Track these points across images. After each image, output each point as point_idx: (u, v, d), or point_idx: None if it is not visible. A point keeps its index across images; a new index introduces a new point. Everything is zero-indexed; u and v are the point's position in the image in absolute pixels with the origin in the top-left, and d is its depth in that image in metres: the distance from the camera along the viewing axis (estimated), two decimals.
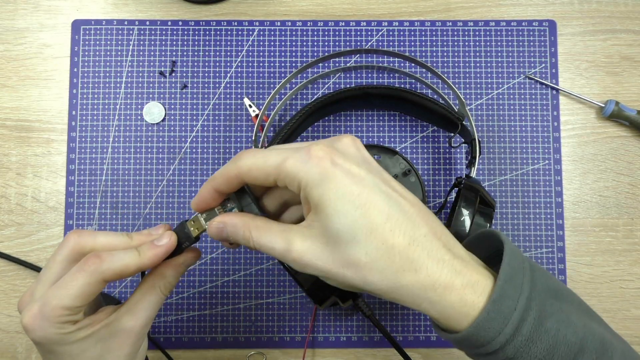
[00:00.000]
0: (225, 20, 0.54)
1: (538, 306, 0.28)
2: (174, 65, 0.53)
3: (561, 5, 0.54)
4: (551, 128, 0.53)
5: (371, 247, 0.28)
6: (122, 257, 0.31)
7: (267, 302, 0.51)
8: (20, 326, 0.50)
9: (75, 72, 0.53)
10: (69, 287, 0.30)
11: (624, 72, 0.54)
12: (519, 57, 0.54)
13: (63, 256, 0.32)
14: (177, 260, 0.34)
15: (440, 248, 0.29)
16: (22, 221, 0.52)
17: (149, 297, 0.33)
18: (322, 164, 0.28)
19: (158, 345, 0.49)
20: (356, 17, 0.54)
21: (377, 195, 0.28)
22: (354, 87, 0.49)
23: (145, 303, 0.33)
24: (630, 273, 0.52)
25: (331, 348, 0.51)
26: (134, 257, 0.31)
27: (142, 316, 0.33)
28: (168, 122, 0.53)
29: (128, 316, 0.33)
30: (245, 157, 0.30)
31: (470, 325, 0.28)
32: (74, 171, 0.52)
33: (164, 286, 0.33)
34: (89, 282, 0.30)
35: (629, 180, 0.53)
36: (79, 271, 0.30)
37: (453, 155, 0.53)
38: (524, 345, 0.28)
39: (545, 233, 0.52)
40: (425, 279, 0.28)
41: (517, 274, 0.29)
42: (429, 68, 0.49)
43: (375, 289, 0.28)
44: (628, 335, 0.51)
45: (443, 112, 0.48)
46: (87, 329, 0.32)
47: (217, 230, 0.31)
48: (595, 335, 0.29)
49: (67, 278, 0.30)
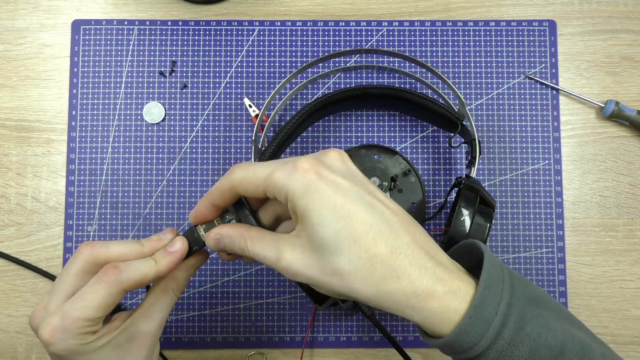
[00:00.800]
0: (225, 20, 0.54)
1: (518, 312, 0.29)
2: (174, 65, 0.53)
3: (561, 5, 0.54)
4: (551, 128, 0.53)
5: (354, 256, 0.28)
6: (140, 266, 0.32)
7: (267, 302, 0.51)
8: (20, 326, 0.50)
9: (75, 72, 0.53)
10: (89, 299, 0.30)
11: (624, 72, 0.54)
12: (519, 57, 0.54)
13: (77, 268, 0.32)
14: (188, 263, 0.35)
15: (422, 256, 0.29)
16: (22, 221, 0.52)
17: (162, 300, 0.34)
18: (308, 175, 0.29)
19: None
20: (356, 17, 0.54)
21: (361, 206, 0.29)
22: (354, 87, 0.49)
23: (159, 306, 0.34)
24: (630, 273, 0.52)
25: (331, 348, 0.51)
26: (152, 266, 0.32)
27: (157, 318, 0.34)
28: (168, 122, 0.53)
29: (143, 320, 0.33)
30: (237, 171, 0.31)
31: (453, 331, 0.29)
32: (74, 171, 0.52)
33: (176, 288, 0.34)
34: (109, 293, 0.31)
35: (629, 180, 0.53)
36: (98, 283, 0.31)
37: (453, 155, 0.53)
38: (506, 349, 0.29)
39: (546, 233, 0.52)
40: (407, 286, 0.29)
41: (497, 281, 0.30)
42: (428, 68, 0.49)
43: (360, 296, 0.29)
44: (628, 335, 0.51)
45: (443, 112, 0.48)
46: (105, 337, 0.32)
47: (215, 242, 0.33)
48: (576, 339, 0.30)
49: (86, 290, 0.31)
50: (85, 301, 0.30)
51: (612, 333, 0.51)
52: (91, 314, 0.30)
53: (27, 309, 0.51)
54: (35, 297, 0.51)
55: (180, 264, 0.34)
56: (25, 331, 0.51)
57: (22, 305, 0.51)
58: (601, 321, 0.51)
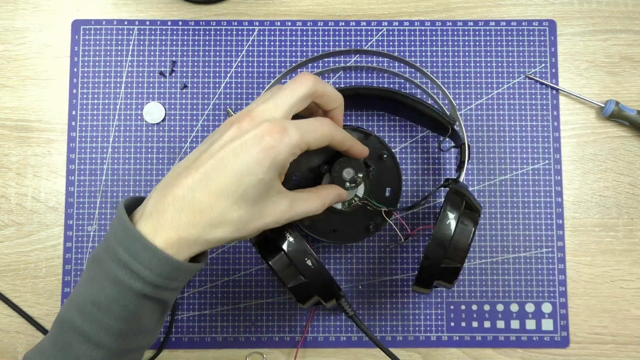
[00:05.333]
0: (225, 20, 0.54)
1: None
2: (174, 66, 0.53)
3: (561, 5, 0.55)
4: (551, 128, 0.53)
5: None
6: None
7: (267, 301, 0.51)
8: (20, 326, 0.50)
9: (75, 72, 0.53)
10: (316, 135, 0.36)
11: (623, 72, 0.54)
12: (519, 57, 0.54)
13: (301, 94, 0.36)
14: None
15: None
16: (22, 221, 0.52)
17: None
18: None
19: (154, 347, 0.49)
20: (356, 17, 0.54)
21: None
22: (344, 87, 0.48)
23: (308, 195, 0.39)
24: (630, 273, 0.52)
25: (331, 348, 0.51)
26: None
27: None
28: (168, 122, 0.53)
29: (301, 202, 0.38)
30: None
31: None
32: (74, 171, 0.52)
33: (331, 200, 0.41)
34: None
35: (629, 180, 0.53)
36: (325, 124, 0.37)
37: (446, 157, 0.53)
38: None
39: (546, 233, 0.52)
40: None
41: None
42: (418, 69, 0.48)
43: None
44: (628, 336, 0.51)
45: (433, 116, 0.47)
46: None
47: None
48: None
49: (316, 124, 0.36)
50: (317, 132, 0.36)
51: (612, 333, 0.51)
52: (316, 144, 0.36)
53: (27, 309, 0.51)
54: (35, 297, 0.51)
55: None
56: (25, 331, 0.51)
57: (22, 305, 0.51)
58: (601, 321, 0.51)
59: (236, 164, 0.33)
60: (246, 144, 0.33)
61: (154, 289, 0.33)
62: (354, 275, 0.52)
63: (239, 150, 0.33)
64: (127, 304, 0.33)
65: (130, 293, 0.33)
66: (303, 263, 0.39)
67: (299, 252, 0.39)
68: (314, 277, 0.39)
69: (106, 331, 0.33)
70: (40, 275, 0.51)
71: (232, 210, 0.34)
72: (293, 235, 0.39)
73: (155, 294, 0.33)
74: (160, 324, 0.37)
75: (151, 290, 0.33)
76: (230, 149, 0.33)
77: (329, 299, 0.41)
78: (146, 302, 0.34)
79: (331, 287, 0.40)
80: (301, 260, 0.39)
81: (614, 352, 0.51)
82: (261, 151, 0.33)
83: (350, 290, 0.51)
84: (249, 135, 0.33)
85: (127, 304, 0.33)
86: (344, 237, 0.46)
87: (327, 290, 0.40)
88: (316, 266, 0.39)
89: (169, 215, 0.33)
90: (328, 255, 0.52)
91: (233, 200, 0.33)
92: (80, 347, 0.33)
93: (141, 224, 0.34)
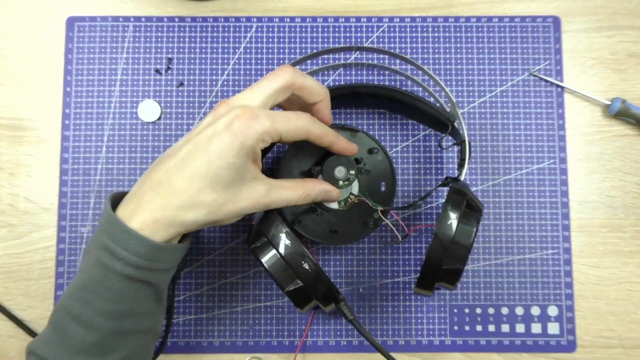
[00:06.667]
0: (222, 17, 0.53)
1: None
2: (170, 63, 0.52)
3: (565, 2, 0.53)
4: (556, 126, 0.52)
5: None
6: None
7: (266, 305, 0.50)
8: (12, 331, 0.49)
9: (69, 70, 0.52)
10: (291, 123, 0.36)
11: (630, 69, 0.53)
12: (523, 54, 0.53)
13: (278, 86, 0.37)
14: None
15: None
16: (14, 222, 0.50)
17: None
18: None
19: None
20: (356, 13, 0.53)
21: None
22: (343, 85, 0.47)
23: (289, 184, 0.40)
24: (637, 275, 0.50)
25: (331, 352, 0.50)
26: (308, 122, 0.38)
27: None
28: (164, 121, 0.52)
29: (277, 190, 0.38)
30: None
31: None
32: (67, 171, 0.51)
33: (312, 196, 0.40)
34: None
35: (636, 180, 0.52)
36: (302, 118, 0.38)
37: (448, 156, 0.51)
38: None
39: (551, 234, 0.50)
40: None
41: None
42: (417, 65, 0.47)
43: None
44: (636, 339, 0.50)
45: (433, 113, 0.46)
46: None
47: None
48: None
49: (292, 117, 0.37)
50: (290, 124, 0.36)
51: (620, 337, 0.50)
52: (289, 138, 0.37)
53: (19, 312, 0.49)
54: (27, 300, 0.50)
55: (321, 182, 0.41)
56: (17, 335, 0.49)
57: (14, 308, 0.50)
58: (608, 325, 0.50)
59: (209, 148, 0.34)
60: (217, 128, 0.34)
61: (136, 270, 0.35)
62: (354, 278, 0.50)
63: (211, 135, 0.34)
64: (111, 285, 0.34)
65: (114, 274, 0.34)
66: (300, 266, 0.38)
67: (295, 254, 0.38)
68: (312, 280, 0.38)
69: (96, 312, 0.35)
70: (33, 277, 0.50)
71: (205, 193, 0.35)
72: (290, 237, 0.38)
73: (139, 276, 0.35)
74: (160, 310, 0.39)
75: (133, 272, 0.34)
76: (204, 134, 0.35)
77: (327, 303, 0.40)
78: (132, 284, 0.35)
79: (330, 291, 0.39)
80: (298, 264, 0.38)
81: (622, 356, 0.50)
82: (230, 135, 0.34)
83: (350, 292, 0.50)
84: (221, 121, 0.35)
85: (112, 285, 0.34)
86: (343, 238, 0.45)
87: (326, 294, 0.39)
88: (314, 269, 0.38)
89: (146, 198, 0.35)
90: (327, 257, 0.50)
91: (205, 184, 0.34)
92: (74, 329, 0.35)
93: (121, 209, 0.36)
